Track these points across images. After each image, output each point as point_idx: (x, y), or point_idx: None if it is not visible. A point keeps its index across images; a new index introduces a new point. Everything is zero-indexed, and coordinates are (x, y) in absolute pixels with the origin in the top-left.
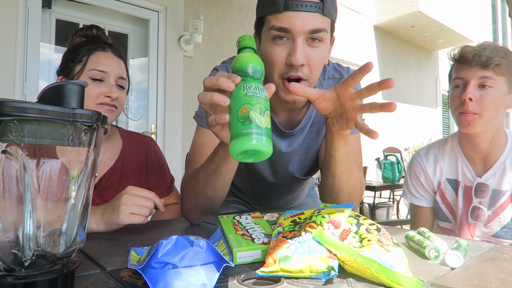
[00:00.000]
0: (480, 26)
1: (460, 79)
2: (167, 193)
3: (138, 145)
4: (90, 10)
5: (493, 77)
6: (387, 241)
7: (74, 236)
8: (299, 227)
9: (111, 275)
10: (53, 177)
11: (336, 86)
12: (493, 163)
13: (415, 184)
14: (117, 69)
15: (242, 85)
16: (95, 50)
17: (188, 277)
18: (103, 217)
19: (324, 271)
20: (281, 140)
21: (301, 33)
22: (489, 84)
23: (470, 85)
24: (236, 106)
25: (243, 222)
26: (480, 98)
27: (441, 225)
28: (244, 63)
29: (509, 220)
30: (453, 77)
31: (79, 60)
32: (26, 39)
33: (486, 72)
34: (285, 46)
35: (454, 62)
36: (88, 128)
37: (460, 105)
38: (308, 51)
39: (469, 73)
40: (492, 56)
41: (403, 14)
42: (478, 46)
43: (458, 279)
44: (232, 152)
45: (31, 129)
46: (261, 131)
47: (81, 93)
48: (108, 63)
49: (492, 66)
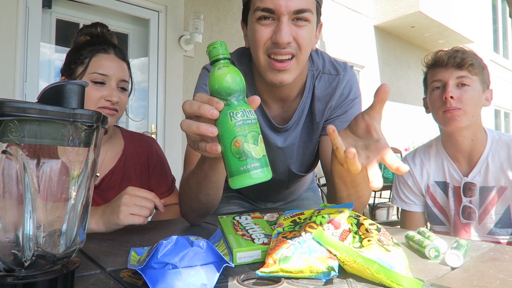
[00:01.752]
0: (480, 27)
1: (438, 81)
2: (168, 194)
3: (139, 146)
4: (91, 10)
5: (468, 76)
6: (387, 241)
7: (74, 236)
8: (299, 227)
9: (111, 276)
10: (53, 177)
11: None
12: (477, 160)
13: (403, 189)
14: (118, 72)
15: (228, 112)
16: (97, 52)
17: (188, 277)
18: (103, 217)
19: (324, 272)
20: (276, 135)
21: (285, 13)
22: (466, 83)
23: (449, 85)
24: (226, 138)
25: (243, 222)
26: (460, 96)
27: (436, 229)
28: (224, 85)
29: (501, 215)
30: (430, 81)
31: (81, 62)
32: (26, 39)
33: (462, 72)
34: (270, 26)
35: (429, 68)
36: (88, 128)
37: (442, 105)
38: (294, 29)
39: (446, 74)
40: (465, 57)
41: (403, 14)
42: (450, 50)
43: (458, 279)
44: (233, 186)
45: (31, 129)
46: (259, 163)
47: (82, 93)
48: (110, 66)
49: (466, 66)
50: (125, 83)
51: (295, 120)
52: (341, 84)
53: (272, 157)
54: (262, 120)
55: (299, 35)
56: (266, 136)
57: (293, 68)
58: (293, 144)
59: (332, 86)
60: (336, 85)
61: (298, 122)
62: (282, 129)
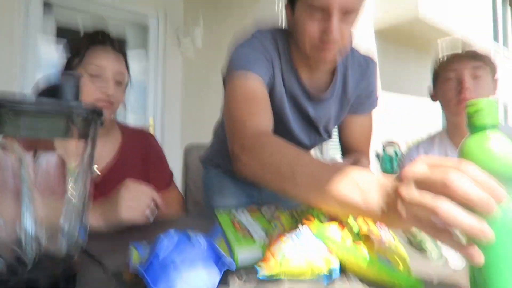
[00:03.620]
0: (481, 31)
1: (453, 70)
2: (166, 188)
3: (137, 140)
4: (90, 9)
5: (483, 66)
6: (389, 240)
7: (76, 236)
8: (296, 221)
9: (113, 275)
10: (49, 170)
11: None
12: None
13: None
14: (114, 64)
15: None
16: (93, 43)
17: (190, 277)
18: (102, 213)
19: (326, 274)
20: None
21: (337, 12)
22: (480, 74)
23: (465, 75)
24: (507, 245)
25: (242, 220)
26: (474, 87)
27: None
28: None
29: None
30: (442, 71)
31: (77, 52)
32: (26, 37)
33: (477, 62)
34: (320, 22)
35: (445, 60)
36: (84, 120)
37: (456, 96)
38: (342, 28)
39: (461, 64)
40: (478, 52)
41: (403, 19)
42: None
43: (460, 280)
44: None
45: (26, 122)
46: None
47: (77, 86)
48: (106, 57)
49: (480, 56)
50: (121, 76)
51: (330, 92)
52: (370, 68)
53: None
54: (298, 89)
55: (344, 33)
56: (301, 105)
57: (336, 52)
58: (323, 116)
59: (362, 73)
60: (366, 70)
61: (332, 95)
62: (317, 98)
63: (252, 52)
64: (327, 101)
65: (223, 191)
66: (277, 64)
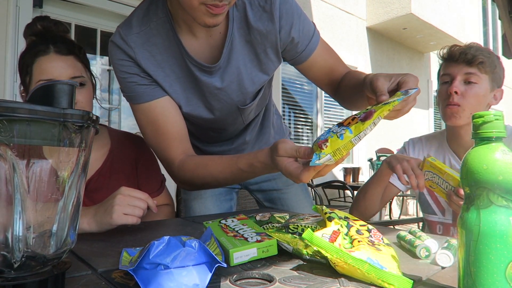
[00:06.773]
0: (471, 29)
1: (448, 75)
2: (157, 194)
3: (127, 145)
4: (82, 10)
5: (477, 74)
6: (378, 241)
7: (64, 237)
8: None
9: (103, 276)
10: (43, 177)
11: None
12: None
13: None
14: (64, 70)
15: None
16: (36, 56)
17: (180, 277)
18: (96, 217)
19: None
20: (209, 77)
21: None
22: (473, 80)
23: (456, 80)
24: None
25: (230, 225)
26: (464, 92)
27: (427, 218)
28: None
29: None
30: (441, 74)
31: (26, 71)
32: (17, 38)
33: (471, 68)
34: None
35: (443, 61)
36: (79, 128)
37: (446, 99)
38: None
39: (455, 69)
40: (477, 54)
41: (395, 16)
42: (465, 46)
43: (449, 278)
44: None
45: (20, 129)
46: None
47: (72, 93)
48: (53, 67)
49: (476, 63)
50: (79, 79)
51: (225, 58)
52: (275, 4)
53: (215, 98)
54: (191, 65)
55: None
56: (199, 80)
57: (226, 11)
58: (233, 81)
59: (266, 11)
60: (270, 7)
61: (229, 59)
62: (214, 68)
63: (122, 82)
64: (228, 67)
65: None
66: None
